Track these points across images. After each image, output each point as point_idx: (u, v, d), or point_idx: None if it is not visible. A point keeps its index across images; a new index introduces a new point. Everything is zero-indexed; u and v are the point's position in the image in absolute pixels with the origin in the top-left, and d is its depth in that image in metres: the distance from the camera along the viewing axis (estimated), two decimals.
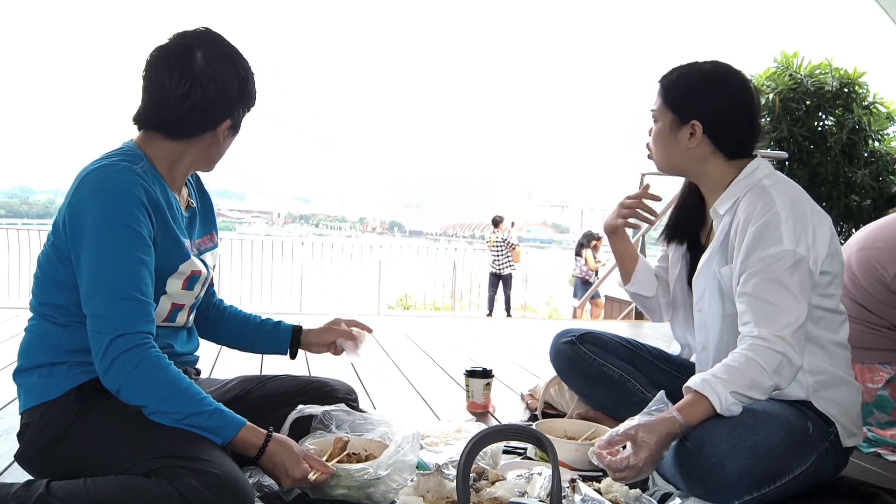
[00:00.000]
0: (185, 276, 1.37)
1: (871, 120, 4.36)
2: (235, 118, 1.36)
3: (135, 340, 1.20)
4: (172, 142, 1.34)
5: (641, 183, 5.63)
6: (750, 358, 1.34)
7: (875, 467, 1.77)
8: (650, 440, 1.29)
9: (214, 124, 1.33)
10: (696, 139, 1.54)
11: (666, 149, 1.59)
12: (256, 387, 1.58)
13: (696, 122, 1.53)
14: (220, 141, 1.36)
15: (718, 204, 1.55)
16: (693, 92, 1.54)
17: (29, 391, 1.31)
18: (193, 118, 1.30)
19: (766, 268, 1.39)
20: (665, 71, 1.61)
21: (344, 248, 11.40)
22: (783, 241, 1.39)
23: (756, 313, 1.38)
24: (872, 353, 1.97)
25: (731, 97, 1.53)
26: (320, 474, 1.27)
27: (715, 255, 1.55)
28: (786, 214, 1.41)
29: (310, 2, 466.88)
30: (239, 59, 1.34)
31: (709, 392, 1.33)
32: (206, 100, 1.29)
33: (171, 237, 1.32)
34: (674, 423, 1.32)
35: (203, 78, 1.28)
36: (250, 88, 1.36)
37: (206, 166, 1.43)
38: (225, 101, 1.31)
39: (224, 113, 1.33)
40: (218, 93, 1.29)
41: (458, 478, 1.13)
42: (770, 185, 1.48)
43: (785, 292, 1.37)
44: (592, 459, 1.34)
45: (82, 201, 1.24)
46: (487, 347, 3.50)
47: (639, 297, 1.86)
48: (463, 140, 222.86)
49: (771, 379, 1.34)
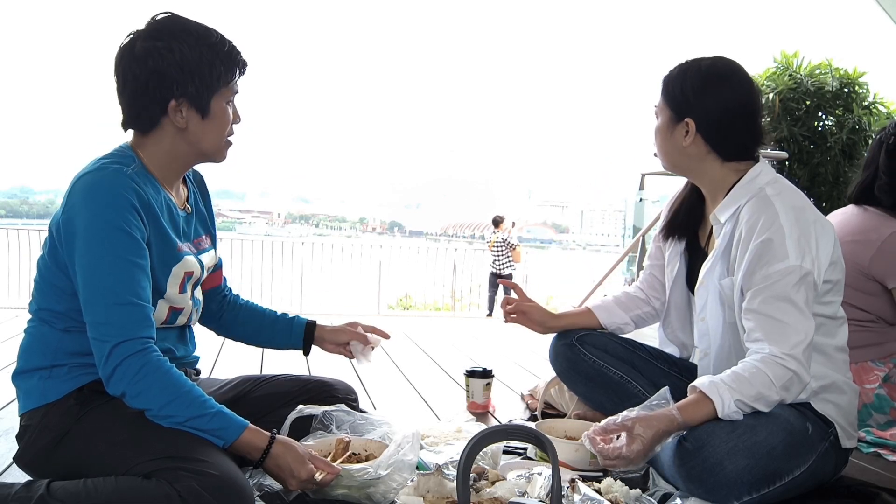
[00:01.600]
0: (180, 279, 1.36)
1: (872, 120, 4.35)
2: (186, 96, 1.29)
3: (135, 346, 1.20)
4: (147, 137, 1.33)
5: (641, 183, 5.65)
6: (761, 370, 1.34)
7: (875, 467, 1.76)
8: (645, 434, 1.29)
9: (161, 107, 1.29)
10: (690, 137, 1.53)
11: (664, 145, 1.59)
12: (256, 387, 1.58)
13: (689, 120, 1.52)
14: (184, 125, 1.31)
15: (719, 211, 1.53)
16: (690, 90, 1.53)
17: (28, 393, 1.31)
18: (138, 106, 1.29)
19: (773, 285, 1.38)
20: (669, 68, 1.59)
21: (344, 248, 11.39)
22: (789, 256, 1.38)
23: (766, 331, 1.38)
24: (864, 350, 1.96)
25: (729, 97, 1.51)
26: (326, 475, 1.27)
27: (716, 264, 1.53)
28: (789, 228, 1.39)
29: (310, 2, 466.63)
30: (179, 36, 1.28)
31: (714, 395, 1.33)
32: (139, 83, 1.27)
33: (164, 239, 1.32)
34: (672, 421, 1.33)
35: (134, 65, 1.27)
36: (197, 65, 1.28)
37: (199, 156, 1.38)
38: (161, 81, 1.27)
39: (165, 93, 1.28)
40: (151, 74, 1.26)
41: (458, 478, 1.13)
42: (773, 194, 1.46)
43: (793, 310, 1.37)
44: (585, 443, 1.34)
45: (74, 208, 1.24)
46: (487, 347, 3.50)
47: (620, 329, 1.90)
48: (463, 140, 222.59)
49: (778, 394, 1.34)
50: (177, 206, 1.39)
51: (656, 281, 1.84)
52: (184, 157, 1.37)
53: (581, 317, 1.89)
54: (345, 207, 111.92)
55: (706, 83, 1.52)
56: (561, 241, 71.80)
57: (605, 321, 1.88)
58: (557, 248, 57.19)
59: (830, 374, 1.47)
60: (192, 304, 1.44)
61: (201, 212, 1.50)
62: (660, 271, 1.82)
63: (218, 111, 1.34)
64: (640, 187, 5.65)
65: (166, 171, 1.36)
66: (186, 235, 1.42)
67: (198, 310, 1.50)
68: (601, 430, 1.33)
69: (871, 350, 1.97)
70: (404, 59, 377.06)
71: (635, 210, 6.01)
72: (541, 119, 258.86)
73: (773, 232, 1.40)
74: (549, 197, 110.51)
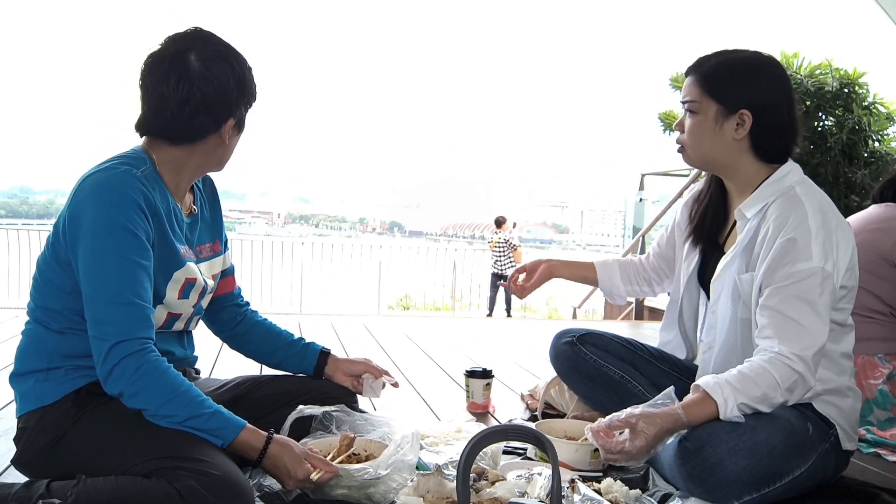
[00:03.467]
0: (181, 285, 1.36)
1: (871, 120, 4.35)
2: (238, 116, 1.35)
3: (134, 346, 1.20)
4: (177, 147, 1.33)
5: (641, 183, 5.64)
6: (767, 371, 1.34)
7: (875, 468, 1.76)
8: (649, 431, 1.30)
9: (218, 125, 1.32)
10: (744, 130, 1.48)
11: (707, 142, 1.51)
12: (256, 387, 1.58)
13: (744, 112, 1.47)
14: (226, 141, 1.35)
15: (745, 207, 1.51)
16: (740, 80, 1.48)
17: (25, 395, 1.31)
18: (196, 122, 1.29)
19: (795, 284, 1.37)
20: (698, 58, 1.54)
21: (344, 248, 11.40)
22: (813, 257, 1.36)
23: (779, 329, 1.37)
24: (871, 343, 1.97)
25: (780, 88, 1.49)
26: (324, 473, 1.26)
27: (736, 259, 1.51)
28: (816, 229, 1.38)
29: (310, 2, 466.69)
30: (234, 55, 1.33)
31: (718, 397, 1.33)
32: (206, 102, 1.28)
33: (167, 244, 1.32)
34: (676, 420, 1.33)
35: (200, 80, 1.27)
36: (249, 84, 1.35)
37: (216, 167, 1.42)
38: (225, 100, 1.30)
39: (226, 113, 1.32)
40: (217, 93, 1.28)
41: (458, 478, 1.13)
42: (802, 193, 1.44)
43: (811, 312, 1.36)
44: (588, 435, 1.35)
45: (80, 205, 1.24)
46: (487, 347, 3.49)
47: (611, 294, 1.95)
48: (463, 140, 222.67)
49: (783, 396, 1.34)
50: (182, 211, 1.39)
51: (659, 268, 1.88)
52: (206, 168, 1.40)
53: (584, 269, 1.94)
54: (345, 207, 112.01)
55: (757, 74, 1.49)
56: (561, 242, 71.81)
57: (602, 283, 1.93)
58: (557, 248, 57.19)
59: (835, 379, 1.46)
60: (192, 311, 1.44)
61: (208, 218, 1.50)
62: (664, 262, 1.85)
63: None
64: (640, 187, 5.65)
65: (182, 179, 1.37)
66: (190, 242, 1.42)
67: (199, 317, 1.50)
68: (605, 425, 1.33)
69: (877, 344, 1.98)
70: (404, 59, 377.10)
71: (635, 210, 6.01)
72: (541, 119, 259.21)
73: (801, 232, 1.38)
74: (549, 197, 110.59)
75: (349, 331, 3.73)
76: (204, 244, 1.47)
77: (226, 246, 1.56)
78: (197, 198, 1.47)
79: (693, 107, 1.52)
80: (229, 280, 1.59)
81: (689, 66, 1.55)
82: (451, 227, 77.61)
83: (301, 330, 3.68)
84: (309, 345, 1.64)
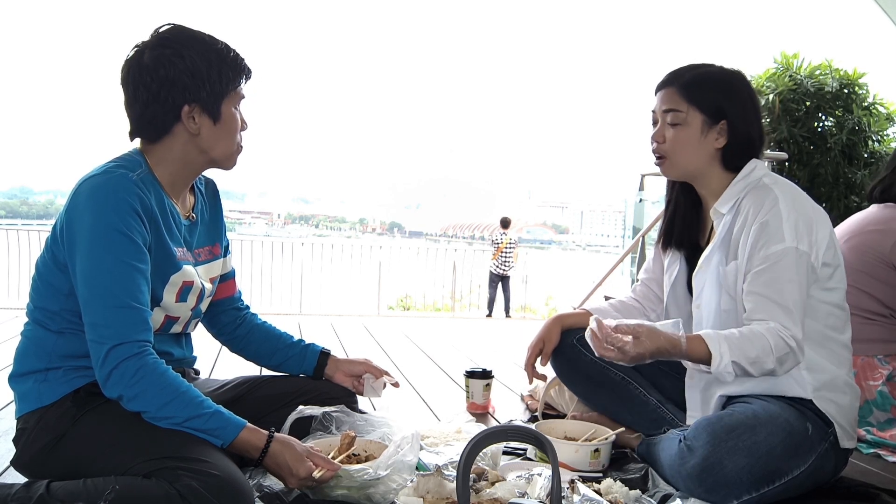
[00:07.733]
0: (178, 288, 1.36)
1: (871, 121, 4.35)
2: (199, 102, 1.31)
3: (132, 349, 1.20)
4: (158, 144, 1.33)
5: (641, 184, 5.64)
6: (764, 336, 1.36)
7: (875, 468, 1.77)
8: (649, 345, 1.34)
9: (174, 113, 1.30)
10: (723, 140, 1.54)
11: (692, 152, 1.55)
12: (256, 387, 1.58)
13: (724, 122, 1.53)
14: (198, 131, 1.32)
15: (719, 205, 1.55)
16: (721, 92, 1.53)
17: (24, 396, 1.31)
18: (149, 113, 1.30)
19: (772, 266, 1.41)
20: (671, 72, 1.58)
21: (344, 248, 11.38)
22: (785, 238, 1.41)
23: (769, 312, 1.40)
24: (870, 345, 1.97)
25: (749, 98, 1.55)
26: (326, 471, 1.27)
27: (715, 251, 1.55)
28: (787, 212, 1.43)
29: (310, 2, 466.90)
30: (185, 43, 1.30)
31: (714, 349, 1.36)
32: (152, 91, 1.28)
33: (163, 247, 1.32)
34: (676, 345, 1.36)
35: (145, 73, 1.28)
36: (207, 70, 1.30)
37: (212, 163, 1.39)
38: (173, 88, 1.28)
39: (178, 99, 1.29)
40: (163, 82, 1.28)
41: (458, 478, 1.13)
42: (771, 182, 1.50)
43: (794, 291, 1.40)
44: (592, 324, 1.38)
45: (77, 209, 1.24)
46: (487, 348, 3.50)
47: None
48: (463, 140, 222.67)
49: (774, 363, 1.37)
50: (180, 214, 1.39)
51: (651, 293, 1.83)
52: (194, 164, 1.38)
53: (582, 318, 1.88)
54: (344, 208, 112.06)
55: (732, 86, 1.54)
56: (561, 242, 71.83)
57: None
58: (557, 248, 57.21)
59: (831, 369, 1.47)
60: (190, 314, 1.44)
61: (208, 221, 1.50)
62: (656, 284, 1.82)
63: (228, 116, 1.35)
64: (640, 188, 5.64)
65: (175, 178, 1.37)
66: (188, 245, 1.42)
67: (197, 320, 1.50)
68: (612, 326, 1.37)
69: (877, 346, 1.98)
70: (404, 59, 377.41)
71: (635, 210, 6.01)
72: (541, 119, 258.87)
73: (772, 215, 1.43)
74: (549, 197, 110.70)
75: (349, 331, 3.73)
76: (203, 247, 1.47)
77: (226, 251, 1.56)
78: (198, 200, 1.47)
79: (677, 118, 1.55)
80: (230, 284, 1.59)
81: (662, 79, 1.59)
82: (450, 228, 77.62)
83: (301, 330, 3.68)
84: (309, 346, 1.64)
